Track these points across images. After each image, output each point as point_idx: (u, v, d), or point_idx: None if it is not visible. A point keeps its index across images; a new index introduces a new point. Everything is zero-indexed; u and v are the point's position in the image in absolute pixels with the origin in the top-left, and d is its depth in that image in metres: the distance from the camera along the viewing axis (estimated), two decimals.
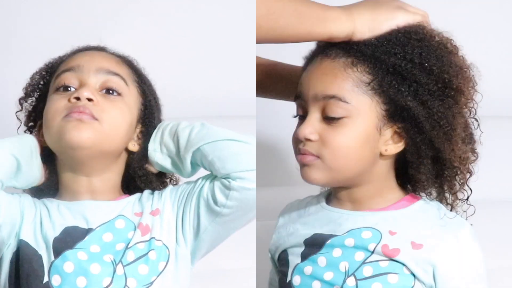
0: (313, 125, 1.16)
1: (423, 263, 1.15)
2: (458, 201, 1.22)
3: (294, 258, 1.21)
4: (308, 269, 1.19)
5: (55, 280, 1.12)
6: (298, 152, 1.19)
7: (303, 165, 1.18)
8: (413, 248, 1.15)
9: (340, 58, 1.16)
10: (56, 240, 1.15)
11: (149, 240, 1.16)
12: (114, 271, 1.13)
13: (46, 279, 1.12)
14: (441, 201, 1.22)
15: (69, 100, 1.17)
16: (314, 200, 1.28)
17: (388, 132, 1.17)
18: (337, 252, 1.18)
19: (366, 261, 1.15)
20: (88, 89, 1.18)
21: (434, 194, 1.22)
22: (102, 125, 1.16)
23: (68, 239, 1.15)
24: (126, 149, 1.23)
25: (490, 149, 1.50)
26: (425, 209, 1.20)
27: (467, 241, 1.17)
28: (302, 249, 1.21)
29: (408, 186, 1.24)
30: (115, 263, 1.14)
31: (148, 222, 1.18)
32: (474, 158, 1.22)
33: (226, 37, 1.77)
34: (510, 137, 1.79)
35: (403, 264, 1.14)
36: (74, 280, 1.12)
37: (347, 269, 1.16)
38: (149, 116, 1.25)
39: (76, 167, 1.20)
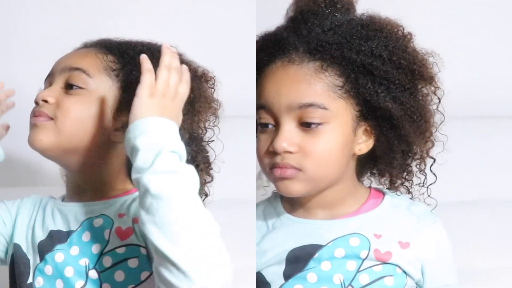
0: (290, 136, 1.12)
1: (413, 261, 1.16)
2: (414, 186, 1.22)
3: (275, 279, 1.16)
4: None
5: (38, 282, 1.13)
6: (273, 166, 1.13)
7: (281, 179, 1.14)
8: (402, 248, 1.16)
9: (308, 63, 1.13)
10: (41, 244, 1.15)
11: (130, 245, 1.12)
12: (87, 275, 1.11)
13: (30, 280, 1.14)
14: (391, 189, 1.23)
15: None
16: (271, 211, 1.23)
17: (359, 132, 1.15)
18: (326, 265, 1.15)
19: (360, 269, 1.14)
20: (46, 91, 1.16)
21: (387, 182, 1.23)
22: (56, 122, 1.14)
23: (50, 242, 1.15)
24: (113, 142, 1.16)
25: (490, 149, 1.51)
26: (394, 203, 1.20)
27: (442, 230, 1.20)
28: (282, 268, 1.16)
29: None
30: (88, 267, 1.12)
31: (129, 226, 1.12)
32: (431, 145, 1.20)
33: (226, 37, 1.77)
34: (510, 137, 1.79)
35: (396, 265, 1.15)
36: (54, 282, 1.13)
37: (342, 281, 1.14)
38: None
39: (63, 167, 1.20)
